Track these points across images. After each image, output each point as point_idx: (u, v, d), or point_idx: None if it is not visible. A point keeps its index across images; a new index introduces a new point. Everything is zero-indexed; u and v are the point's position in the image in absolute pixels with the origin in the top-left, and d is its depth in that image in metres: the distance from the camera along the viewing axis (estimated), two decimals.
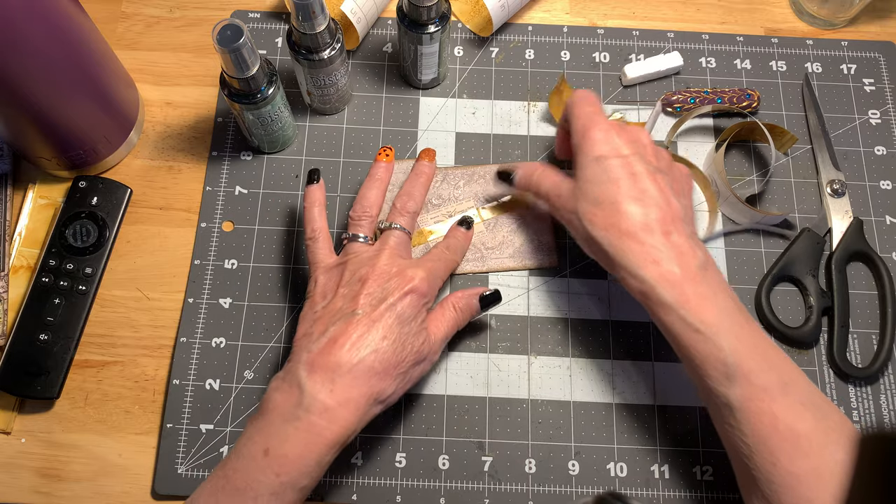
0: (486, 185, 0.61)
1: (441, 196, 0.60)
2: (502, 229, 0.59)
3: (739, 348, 0.44)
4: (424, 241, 0.58)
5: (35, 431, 0.55)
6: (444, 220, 0.59)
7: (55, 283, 0.57)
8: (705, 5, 0.70)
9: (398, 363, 0.46)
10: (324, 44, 0.55)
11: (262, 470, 0.42)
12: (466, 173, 0.61)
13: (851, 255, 0.59)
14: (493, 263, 0.58)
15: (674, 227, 0.47)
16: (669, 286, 0.46)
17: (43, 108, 0.53)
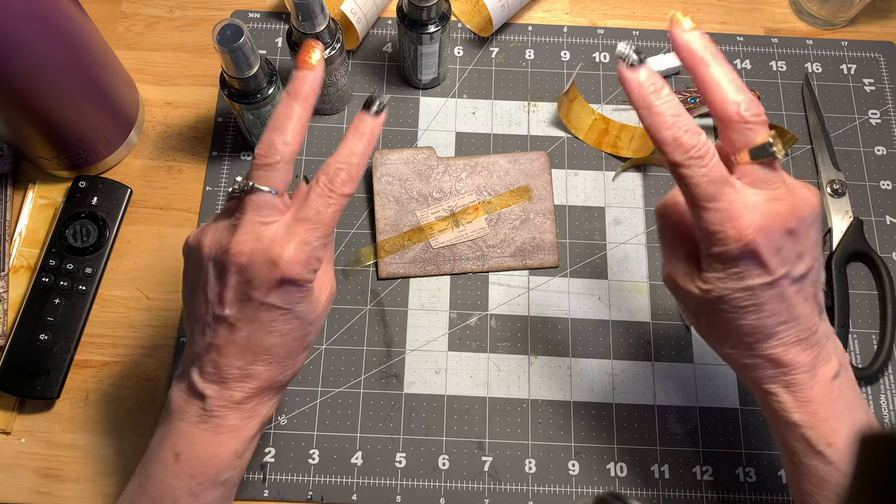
0: (490, 176, 0.60)
1: (442, 189, 0.59)
2: (504, 227, 0.58)
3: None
4: (425, 239, 0.58)
5: (35, 431, 0.55)
6: (445, 216, 0.58)
7: (55, 283, 0.57)
8: (705, 5, 0.70)
9: (293, 349, 0.41)
10: (324, 44, 0.55)
11: (176, 475, 0.41)
12: (469, 164, 0.60)
13: (851, 255, 0.59)
14: (493, 262, 0.58)
15: (816, 334, 0.39)
16: (798, 403, 0.39)
17: (43, 108, 0.53)
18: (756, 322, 0.38)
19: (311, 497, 0.53)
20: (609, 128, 0.63)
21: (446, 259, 0.58)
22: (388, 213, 0.58)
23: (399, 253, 0.57)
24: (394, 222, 0.58)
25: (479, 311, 0.58)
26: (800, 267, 0.38)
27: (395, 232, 0.57)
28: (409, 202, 0.58)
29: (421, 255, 0.57)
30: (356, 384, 0.56)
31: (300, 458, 0.54)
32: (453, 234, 0.58)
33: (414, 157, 0.59)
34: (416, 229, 0.58)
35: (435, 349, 0.57)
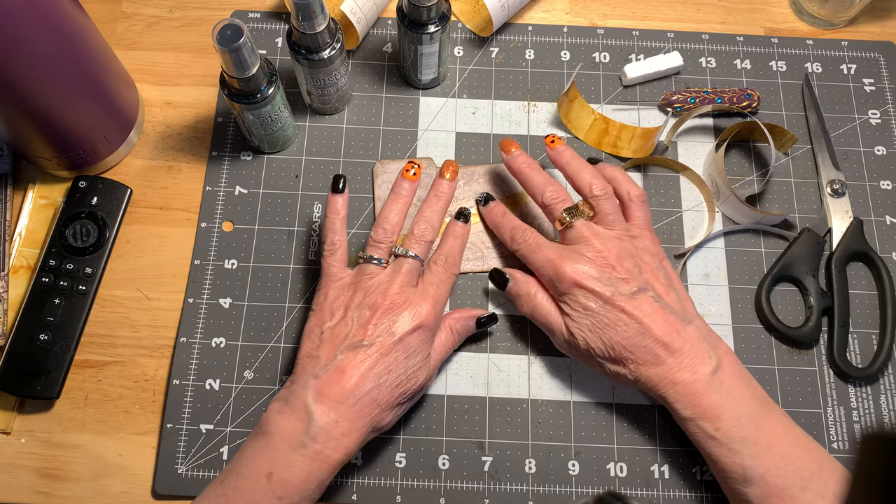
0: (486, 184, 0.61)
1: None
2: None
3: (756, 451, 0.46)
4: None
5: (35, 431, 0.55)
6: (444, 222, 0.58)
7: (55, 283, 0.57)
8: (705, 5, 0.70)
9: (400, 395, 0.48)
10: (324, 44, 0.55)
11: (265, 493, 0.43)
12: (466, 173, 0.61)
13: (851, 255, 0.59)
14: (493, 262, 0.58)
15: (679, 339, 0.49)
16: (686, 401, 0.48)
17: (43, 108, 0.53)
18: (615, 336, 0.49)
19: None
20: (609, 128, 0.63)
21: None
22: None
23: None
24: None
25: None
26: (626, 286, 0.50)
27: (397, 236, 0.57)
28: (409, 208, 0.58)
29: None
30: None
31: None
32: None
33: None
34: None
35: None
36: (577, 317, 0.50)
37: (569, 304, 0.51)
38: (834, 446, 0.55)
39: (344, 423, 0.45)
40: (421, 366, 0.49)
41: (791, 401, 0.56)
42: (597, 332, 0.49)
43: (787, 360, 0.57)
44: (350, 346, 0.47)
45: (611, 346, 0.49)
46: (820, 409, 0.56)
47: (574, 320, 0.50)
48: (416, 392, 0.49)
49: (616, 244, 0.51)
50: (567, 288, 0.50)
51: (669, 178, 0.63)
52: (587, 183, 0.53)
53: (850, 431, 0.55)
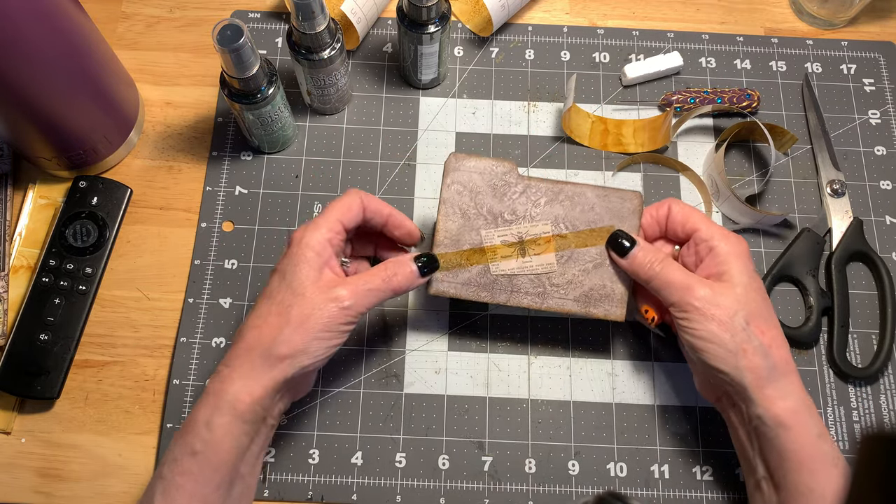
0: (572, 208, 0.52)
1: (515, 211, 0.51)
2: (574, 267, 0.51)
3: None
4: (485, 262, 0.51)
5: (35, 431, 0.55)
6: (512, 242, 0.51)
7: (55, 283, 0.57)
8: (705, 5, 0.70)
9: (274, 312, 0.45)
10: (324, 44, 0.55)
11: (176, 438, 0.45)
12: (552, 189, 0.52)
13: (851, 255, 0.59)
14: (553, 303, 0.51)
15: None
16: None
17: (43, 108, 0.53)
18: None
19: (311, 497, 0.53)
20: (608, 127, 0.63)
21: (503, 288, 0.51)
22: (450, 227, 0.51)
23: (454, 271, 0.51)
24: (455, 237, 0.51)
25: (480, 312, 0.58)
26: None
27: (455, 248, 0.51)
28: (476, 218, 0.51)
29: (476, 279, 0.51)
30: (356, 384, 0.56)
31: (300, 458, 0.54)
32: (516, 264, 0.51)
33: (492, 170, 0.52)
34: (477, 250, 0.51)
35: (435, 349, 0.57)
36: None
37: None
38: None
39: (231, 361, 0.45)
40: (287, 275, 0.45)
41: None
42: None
43: None
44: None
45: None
46: (820, 409, 0.56)
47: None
48: (286, 309, 0.45)
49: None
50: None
51: (669, 178, 0.63)
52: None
53: (850, 431, 0.55)
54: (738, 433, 0.48)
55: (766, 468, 0.46)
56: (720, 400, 0.49)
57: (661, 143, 0.62)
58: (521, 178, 0.52)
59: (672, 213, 0.51)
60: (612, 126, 0.63)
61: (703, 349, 0.46)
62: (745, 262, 0.48)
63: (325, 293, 0.45)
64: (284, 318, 0.44)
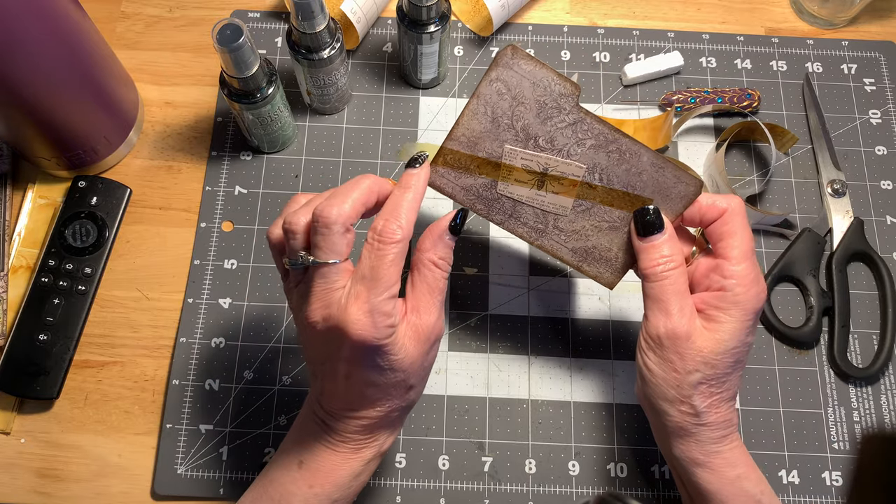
0: (617, 164, 0.45)
1: (553, 142, 0.45)
2: (588, 220, 0.46)
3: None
4: (494, 178, 0.45)
5: (34, 432, 0.55)
6: (534, 171, 0.45)
7: (55, 283, 0.57)
8: (705, 5, 0.70)
9: (393, 394, 0.42)
10: (323, 43, 0.55)
11: (296, 481, 0.43)
12: (606, 136, 0.44)
13: (852, 255, 0.59)
14: (548, 244, 0.46)
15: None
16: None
17: (42, 108, 0.53)
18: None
19: None
20: None
21: (503, 209, 0.46)
22: (474, 127, 0.45)
23: (458, 173, 0.45)
24: (473, 140, 0.45)
25: (479, 311, 0.58)
26: None
27: (469, 151, 0.45)
28: (506, 130, 0.45)
29: (479, 189, 0.46)
30: None
31: None
32: (527, 193, 0.45)
33: (549, 85, 0.44)
34: (492, 162, 0.45)
35: None
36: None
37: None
38: (834, 446, 0.55)
39: (348, 426, 0.43)
40: (393, 366, 0.40)
41: (791, 401, 0.56)
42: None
43: (787, 360, 0.57)
44: (322, 365, 0.43)
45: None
46: (820, 410, 0.56)
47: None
48: (404, 382, 0.42)
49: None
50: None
51: None
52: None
53: (850, 431, 0.55)
54: (665, 455, 0.47)
55: (689, 500, 0.46)
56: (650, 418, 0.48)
57: (661, 143, 0.61)
58: (579, 109, 0.44)
59: (719, 222, 0.44)
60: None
61: (646, 379, 0.44)
62: (747, 322, 0.43)
63: (425, 345, 0.41)
64: (407, 387, 0.42)
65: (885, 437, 0.20)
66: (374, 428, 0.43)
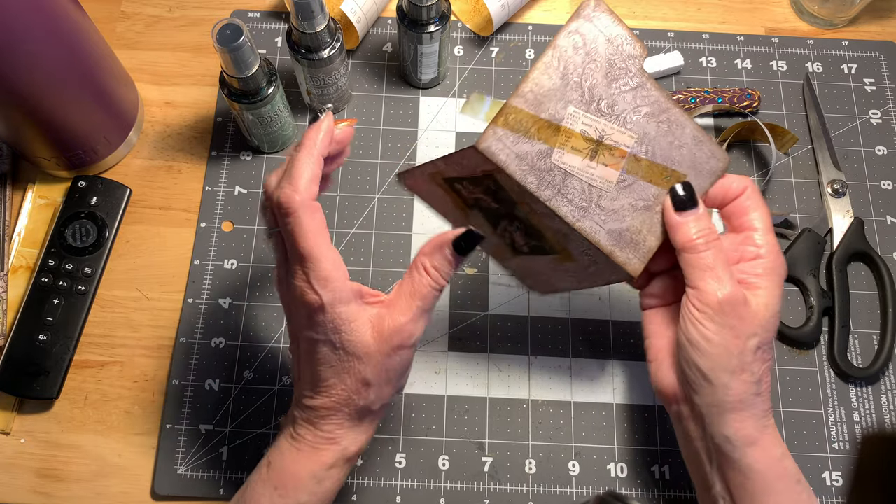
0: (665, 134, 0.44)
1: (614, 107, 0.43)
2: (627, 197, 0.44)
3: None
4: (551, 145, 0.42)
5: (34, 432, 0.55)
6: (591, 138, 0.43)
7: (54, 283, 0.57)
8: (706, 5, 0.70)
9: (348, 383, 0.42)
10: (323, 43, 0.55)
11: (264, 482, 0.43)
12: (661, 105, 0.43)
13: (852, 255, 0.59)
14: (588, 226, 0.43)
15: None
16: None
17: (42, 109, 0.53)
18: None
19: None
20: None
21: (553, 182, 0.42)
22: (544, 83, 0.42)
23: (517, 136, 0.42)
24: (539, 99, 0.42)
25: (480, 311, 0.58)
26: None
27: (533, 111, 0.42)
28: (574, 89, 0.42)
29: (534, 157, 0.42)
30: None
31: None
32: (580, 164, 0.43)
33: (622, 44, 0.43)
34: (553, 126, 0.42)
35: (435, 349, 0.57)
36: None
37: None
38: (834, 446, 0.55)
39: (309, 413, 0.43)
40: (345, 347, 0.41)
41: (791, 401, 0.56)
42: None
43: (787, 360, 0.57)
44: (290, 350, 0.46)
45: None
46: (820, 410, 0.56)
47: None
48: (358, 373, 0.41)
49: None
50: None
51: None
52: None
53: (850, 431, 0.55)
54: (694, 445, 0.45)
55: (725, 487, 0.44)
56: (678, 404, 0.46)
57: None
58: (643, 73, 0.43)
59: (742, 198, 0.45)
60: None
61: (703, 351, 0.42)
62: (781, 287, 0.44)
63: (390, 342, 0.41)
64: (364, 383, 0.41)
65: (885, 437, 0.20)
66: (331, 421, 0.42)
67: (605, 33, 0.42)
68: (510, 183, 0.42)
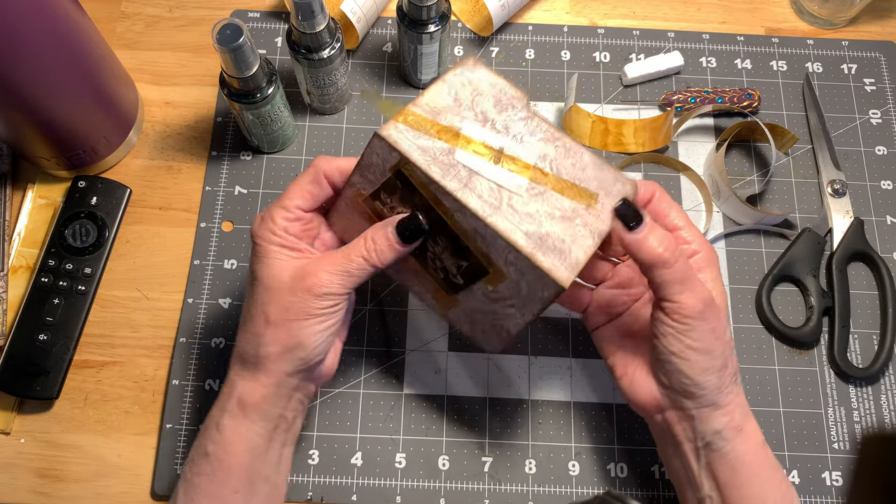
0: (565, 157, 0.44)
1: (508, 128, 0.44)
2: (542, 205, 0.43)
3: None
4: (453, 145, 0.43)
5: (34, 432, 0.55)
6: (492, 147, 0.43)
7: (54, 283, 0.57)
8: (706, 5, 0.70)
9: (256, 315, 0.44)
10: (323, 43, 0.55)
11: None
12: (553, 133, 0.45)
13: (852, 255, 0.59)
14: (501, 223, 0.42)
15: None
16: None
17: (42, 109, 0.53)
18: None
19: (311, 497, 0.53)
20: (609, 126, 0.63)
21: (459, 177, 0.42)
22: (437, 101, 0.44)
23: (416, 132, 0.43)
24: (436, 111, 0.44)
25: None
26: None
27: (432, 118, 0.44)
28: (466, 110, 0.44)
29: (436, 151, 0.43)
30: (356, 384, 0.56)
31: (300, 458, 0.54)
32: (485, 165, 0.43)
33: (504, 88, 0.45)
34: (452, 131, 0.43)
35: (435, 349, 0.57)
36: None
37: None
38: (834, 446, 0.55)
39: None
40: (260, 276, 0.44)
41: (791, 401, 0.56)
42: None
43: (787, 361, 0.57)
44: None
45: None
46: (820, 410, 0.56)
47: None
48: (264, 305, 0.43)
49: None
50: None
51: (670, 178, 0.63)
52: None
53: (850, 431, 0.55)
54: (682, 448, 0.45)
55: (714, 485, 0.44)
56: (662, 413, 0.45)
57: (661, 143, 0.61)
58: (529, 109, 0.45)
59: (654, 201, 0.46)
60: (612, 126, 0.63)
61: (691, 361, 0.42)
62: (718, 271, 0.45)
63: (299, 283, 0.42)
64: (264, 319, 0.43)
65: (885, 437, 0.20)
66: (235, 362, 0.45)
67: (486, 80, 0.45)
68: (417, 176, 0.42)
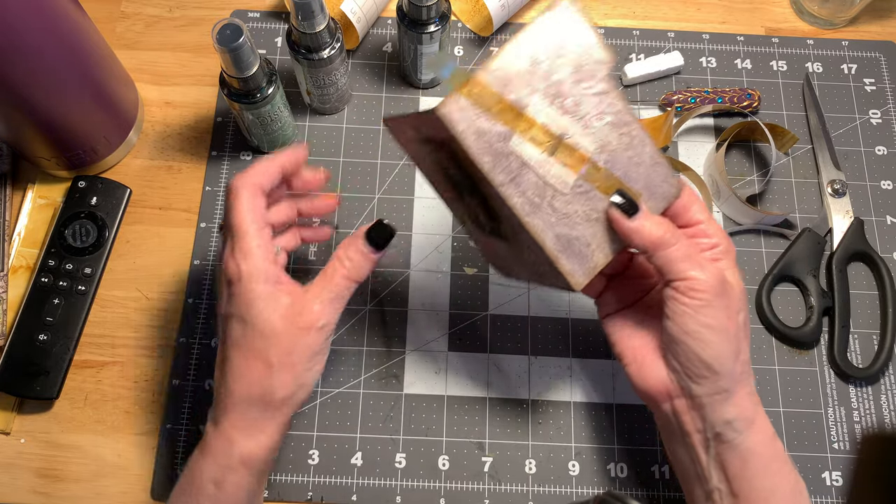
0: (625, 149, 0.42)
1: (578, 107, 0.41)
2: (581, 205, 0.42)
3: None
4: (511, 129, 0.40)
5: (34, 432, 0.55)
6: (552, 134, 0.41)
7: (54, 283, 0.57)
8: (706, 5, 0.70)
9: (252, 364, 0.42)
10: (323, 43, 0.55)
11: (177, 489, 0.44)
12: (625, 118, 0.42)
13: (852, 256, 0.59)
14: (537, 223, 0.41)
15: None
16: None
17: (42, 109, 0.53)
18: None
19: (311, 497, 0.53)
20: None
21: (508, 168, 0.40)
22: (512, 63, 0.40)
23: (479, 110, 0.40)
24: (507, 79, 0.40)
25: (479, 311, 0.58)
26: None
27: (498, 89, 0.40)
28: (541, 79, 0.40)
29: (493, 137, 0.40)
30: (356, 384, 0.56)
31: (300, 458, 0.54)
32: (538, 156, 0.41)
33: (591, 49, 0.41)
34: (515, 110, 0.40)
35: (435, 349, 0.57)
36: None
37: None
38: (834, 446, 0.55)
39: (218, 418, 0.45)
40: (252, 322, 0.42)
41: (791, 401, 0.56)
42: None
43: (787, 360, 0.57)
44: None
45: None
46: (820, 410, 0.56)
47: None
48: (262, 351, 0.42)
49: None
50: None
51: None
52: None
53: (850, 431, 0.55)
54: (690, 440, 0.43)
55: (723, 477, 0.43)
56: (671, 401, 0.44)
57: (661, 143, 0.61)
58: (609, 80, 0.41)
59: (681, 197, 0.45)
60: None
61: (706, 341, 0.41)
62: (735, 263, 0.45)
63: (297, 322, 0.42)
64: (267, 364, 0.41)
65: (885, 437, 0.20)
66: (229, 416, 0.42)
67: (574, 33, 0.41)
68: (465, 158, 0.40)
